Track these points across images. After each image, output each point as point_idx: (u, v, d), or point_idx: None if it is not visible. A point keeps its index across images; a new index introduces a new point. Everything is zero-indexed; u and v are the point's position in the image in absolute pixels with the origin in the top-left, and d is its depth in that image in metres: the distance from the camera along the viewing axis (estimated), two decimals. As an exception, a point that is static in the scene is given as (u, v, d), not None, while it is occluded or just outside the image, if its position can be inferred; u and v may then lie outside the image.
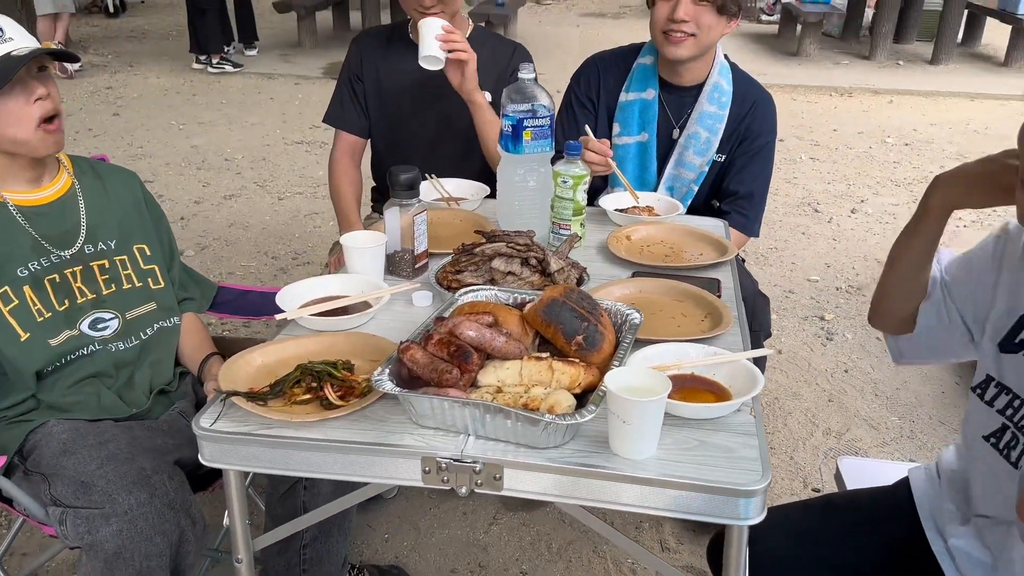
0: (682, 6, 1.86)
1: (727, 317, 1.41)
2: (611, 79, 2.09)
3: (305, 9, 7.58)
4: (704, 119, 2.01)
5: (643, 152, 2.07)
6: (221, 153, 5.16)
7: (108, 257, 1.61)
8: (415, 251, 1.56)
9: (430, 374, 1.12)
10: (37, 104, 1.44)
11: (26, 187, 1.54)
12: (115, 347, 1.59)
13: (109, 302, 1.60)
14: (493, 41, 2.20)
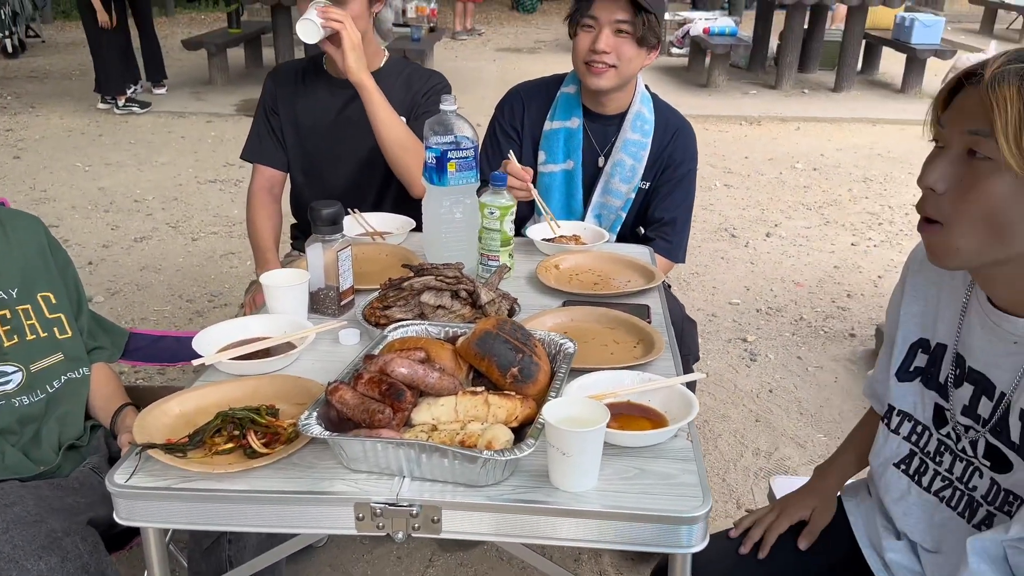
0: (603, 38, 1.89)
1: (659, 343, 1.41)
2: (535, 108, 2.10)
3: (216, 46, 7.43)
4: (628, 147, 2.03)
5: (569, 180, 2.07)
6: (130, 195, 4.97)
7: (9, 307, 1.50)
8: (340, 288, 1.51)
9: (361, 415, 1.07)
10: None
11: None
12: (19, 401, 1.49)
13: (11, 354, 1.49)
14: (410, 69, 2.18)
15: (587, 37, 1.92)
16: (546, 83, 2.13)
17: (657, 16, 1.91)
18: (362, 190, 2.10)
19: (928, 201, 0.96)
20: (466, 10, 10.90)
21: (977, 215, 0.92)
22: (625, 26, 1.89)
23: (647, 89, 2.11)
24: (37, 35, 10.28)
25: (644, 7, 1.86)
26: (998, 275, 1.01)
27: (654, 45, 1.95)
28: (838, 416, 2.75)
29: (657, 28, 1.92)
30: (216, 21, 11.30)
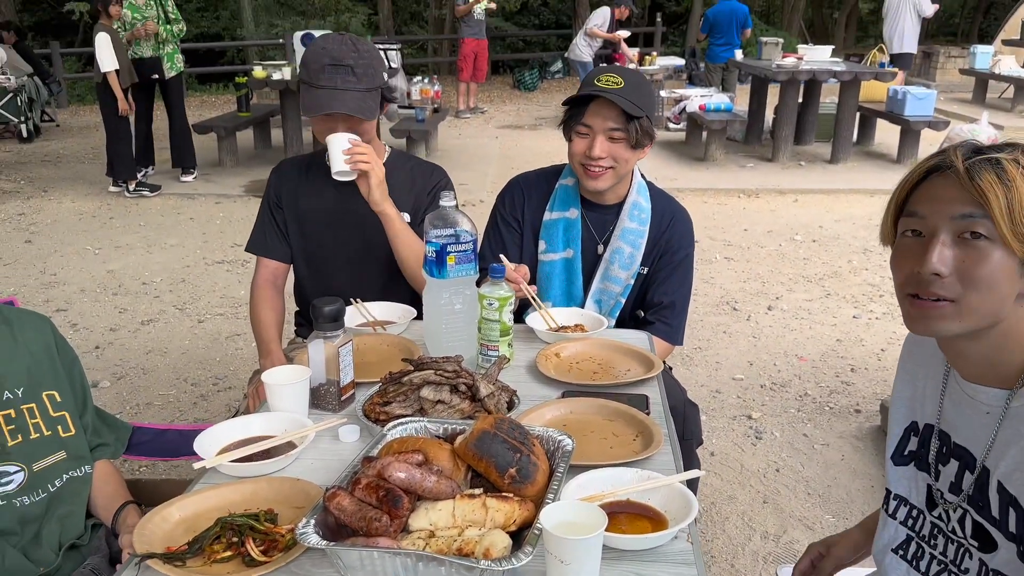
0: (598, 144, 1.96)
1: (657, 436, 1.41)
2: (534, 199, 2.16)
3: (225, 130, 7.62)
4: (627, 235, 2.08)
5: (569, 268, 2.12)
6: (139, 277, 5.04)
7: (14, 406, 1.52)
8: (341, 383, 1.53)
9: (358, 522, 1.07)
10: None
11: None
12: (20, 502, 1.48)
13: (14, 454, 1.50)
14: (412, 163, 2.24)
15: (582, 143, 1.99)
16: (545, 174, 2.19)
17: (649, 117, 1.97)
18: (365, 280, 2.14)
19: (934, 284, 1.03)
20: (469, 89, 11.20)
21: (985, 287, 1.00)
22: (618, 133, 1.95)
23: (643, 178, 2.16)
24: (52, 119, 10.58)
25: (635, 115, 1.92)
26: (967, 349, 1.08)
27: (648, 144, 2.01)
28: (846, 496, 2.71)
29: (650, 128, 1.98)
30: (226, 103, 11.62)
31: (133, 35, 6.74)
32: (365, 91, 1.94)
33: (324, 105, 1.92)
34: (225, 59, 16.13)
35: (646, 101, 1.96)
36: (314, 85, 1.93)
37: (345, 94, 1.92)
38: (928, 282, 1.03)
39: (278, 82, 7.37)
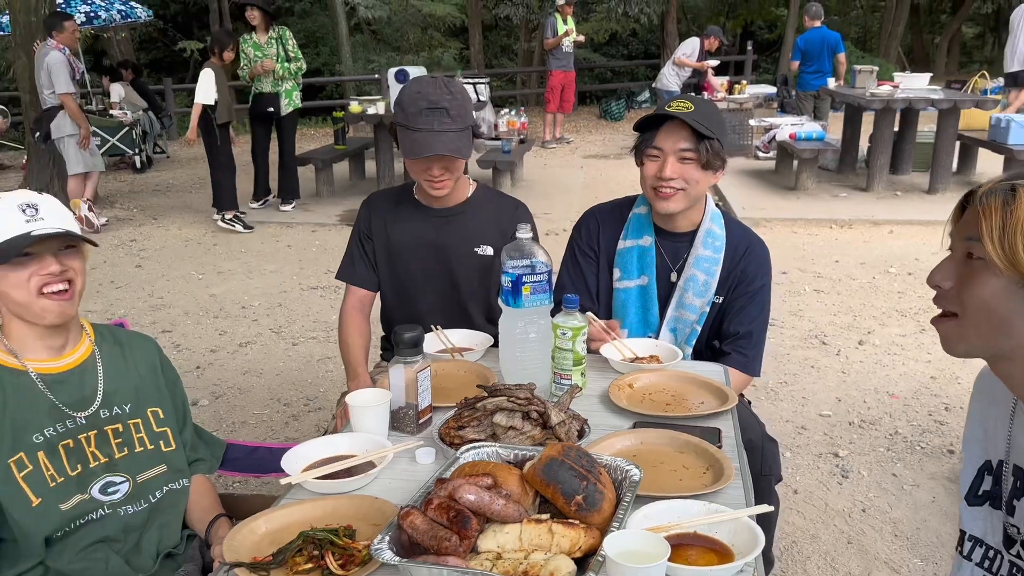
0: (668, 166, 2.00)
1: (728, 470, 1.42)
2: (609, 228, 2.21)
3: (322, 162, 7.96)
4: (700, 263, 2.10)
5: (644, 295, 2.16)
6: (239, 301, 5.30)
7: (122, 421, 1.65)
8: (419, 407, 1.60)
9: (429, 541, 1.12)
10: (42, 276, 1.50)
11: (48, 355, 1.59)
12: (124, 511, 1.61)
13: (121, 466, 1.62)
14: (497, 199, 2.32)
15: (653, 165, 2.03)
16: (619, 205, 2.24)
17: (720, 140, 2.00)
18: (446, 308, 2.22)
19: (942, 297, 1.11)
20: (555, 120, 11.34)
21: (979, 306, 1.06)
22: (689, 153, 1.99)
23: (718, 207, 2.18)
24: (163, 151, 11.26)
25: (706, 135, 1.96)
26: (1012, 373, 1.11)
27: (719, 167, 2.04)
28: (936, 540, 2.60)
29: (721, 151, 2.01)
30: (324, 136, 12.12)
31: (253, 72, 7.13)
32: (460, 131, 2.03)
33: (424, 148, 2.00)
34: (324, 94, 16.82)
35: (716, 125, 2.00)
36: (412, 128, 2.02)
37: (442, 135, 2.00)
38: (938, 295, 1.11)
39: (372, 116, 7.66)
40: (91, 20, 11.00)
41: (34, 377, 1.55)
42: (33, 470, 1.51)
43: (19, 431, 1.51)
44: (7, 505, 1.48)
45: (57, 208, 1.57)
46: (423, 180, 2.11)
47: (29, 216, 1.49)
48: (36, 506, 1.50)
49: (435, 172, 2.07)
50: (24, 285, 1.49)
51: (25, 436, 1.51)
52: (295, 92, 7.38)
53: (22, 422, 1.52)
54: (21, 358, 1.56)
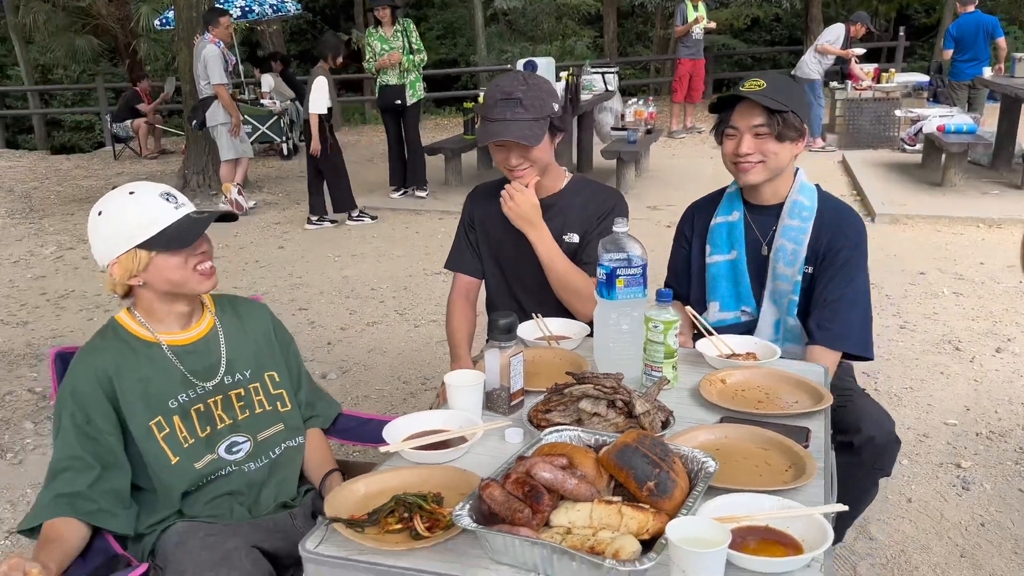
0: (744, 142, 2.08)
1: (810, 469, 1.42)
2: (704, 213, 2.31)
3: (452, 151, 8.22)
4: (787, 232, 2.14)
5: (734, 269, 2.21)
6: (368, 283, 5.59)
7: (244, 386, 1.82)
8: (511, 390, 1.69)
9: (505, 512, 1.21)
10: (197, 255, 1.68)
11: (177, 329, 1.77)
12: (247, 468, 1.79)
13: (243, 426, 1.80)
14: (591, 189, 2.37)
15: (731, 143, 2.12)
16: (714, 195, 2.34)
17: (796, 112, 2.06)
18: (542, 296, 2.30)
19: None
20: (685, 109, 11.14)
21: None
22: (762, 128, 2.06)
23: (818, 187, 2.21)
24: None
25: (777, 109, 2.03)
26: None
27: (796, 138, 2.09)
28: (1063, 562, 2.45)
29: (796, 122, 2.07)
30: (456, 126, 12.44)
31: (379, 64, 7.45)
32: (532, 120, 2.12)
33: (492, 134, 2.13)
34: (459, 84, 17.24)
35: (790, 98, 2.07)
36: (488, 118, 2.16)
37: (512, 124, 2.11)
38: None
39: (501, 106, 7.82)
40: (246, 14, 11.76)
41: (165, 349, 1.74)
42: (170, 432, 1.70)
43: (156, 397, 1.70)
44: (151, 462, 1.68)
45: (182, 196, 1.74)
46: (505, 171, 2.22)
47: (174, 204, 1.67)
48: (175, 464, 1.69)
49: (513, 161, 2.17)
50: (183, 266, 1.66)
51: (162, 401, 1.70)
52: (418, 83, 7.64)
53: (158, 389, 1.70)
54: (153, 331, 1.74)
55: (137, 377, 1.69)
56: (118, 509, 1.64)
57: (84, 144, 16.28)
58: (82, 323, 4.90)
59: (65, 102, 17.39)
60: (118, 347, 1.70)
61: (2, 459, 3.27)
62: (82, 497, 1.59)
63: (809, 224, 2.13)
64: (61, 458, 1.63)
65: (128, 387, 1.67)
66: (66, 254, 6.50)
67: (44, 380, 4.05)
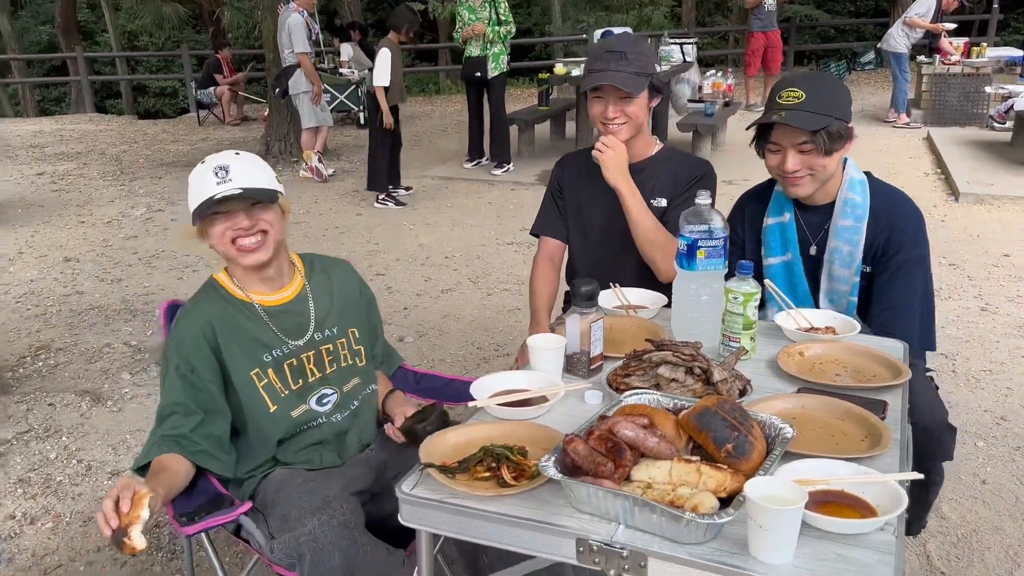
0: (789, 159, 2.04)
1: (886, 439, 1.45)
2: (753, 208, 2.29)
3: (525, 122, 8.24)
4: (841, 233, 2.11)
5: (790, 271, 2.20)
6: (443, 251, 5.71)
7: (331, 341, 1.93)
8: (591, 354, 1.75)
9: (588, 465, 1.28)
10: (234, 230, 1.75)
11: (267, 290, 1.87)
12: (335, 418, 1.91)
13: (331, 380, 1.92)
14: (680, 158, 2.41)
15: (775, 158, 2.08)
16: (763, 187, 2.30)
17: (841, 118, 2.00)
18: (626, 267, 2.34)
19: None
20: (764, 82, 10.87)
21: None
22: (807, 145, 2.01)
23: (867, 175, 2.16)
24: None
25: (819, 128, 1.96)
26: None
27: (844, 144, 2.04)
28: None
29: (842, 129, 2.01)
30: (529, 97, 12.43)
31: (464, 35, 7.47)
32: (633, 73, 2.18)
33: (595, 80, 2.19)
34: (533, 54, 17.16)
35: (831, 106, 1.99)
36: (592, 69, 2.23)
37: (615, 73, 2.17)
38: None
39: (576, 78, 7.79)
40: (327, -15, 11.92)
41: (258, 309, 1.85)
42: (268, 383, 1.82)
43: (253, 351, 1.82)
44: (251, 410, 1.81)
45: (248, 168, 1.76)
46: (600, 125, 2.27)
47: (220, 179, 1.72)
48: (272, 412, 1.82)
49: (610, 113, 2.22)
50: (222, 238, 1.76)
51: (258, 355, 1.82)
52: (502, 56, 7.56)
53: (254, 344, 1.82)
54: (246, 292, 1.86)
55: (236, 331, 1.81)
56: (219, 453, 1.78)
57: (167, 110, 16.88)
58: (172, 281, 5.16)
59: (150, 68, 17.99)
60: (219, 303, 1.83)
61: (103, 407, 3.51)
62: (187, 439, 1.73)
63: (863, 223, 2.09)
64: (167, 404, 1.77)
65: (229, 340, 1.79)
66: (155, 216, 6.81)
67: (139, 334, 4.30)
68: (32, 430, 3.29)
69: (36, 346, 4.15)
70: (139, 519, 1.41)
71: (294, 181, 7.85)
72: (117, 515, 1.40)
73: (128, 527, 1.39)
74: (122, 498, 1.42)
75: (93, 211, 6.99)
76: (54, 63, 18.01)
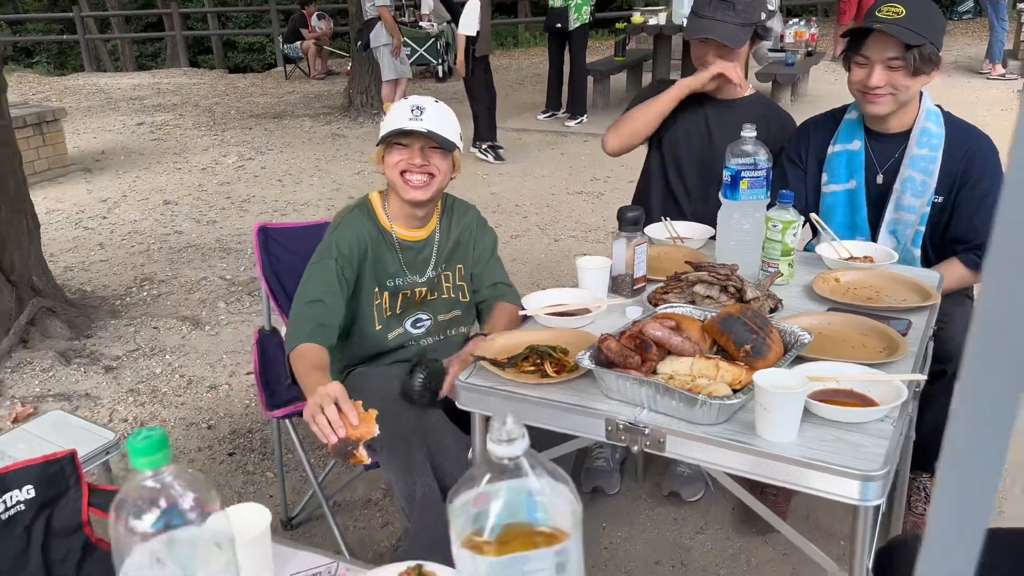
0: (875, 75, 2.05)
1: (902, 350, 1.58)
2: (819, 136, 2.31)
3: (601, 73, 8.28)
4: (916, 162, 2.14)
5: (852, 199, 2.25)
6: (513, 200, 5.89)
7: (440, 275, 2.11)
8: (634, 275, 1.91)
9: (619, 359, 1.46)
10: (407, 163, 1.93)
11: (409, 227, 2.05)
12: (424, 343, 2.10)
13: (429, 307, 2.10)
14: (767, 102, 2.54)
15: (861, 72, 2.09)
16: (832, 113, 2.33)
17: (934, 43, 2.01)
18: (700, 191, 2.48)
19: None
20: (853, 32, 10.53)
21: None
22: (896, 62, 2.02)
23: (940, 108, 2.19)
24: (462, 63, 12.21)
25: (915, 43, 1.98)
26: None
27: (930, 71, 2.04)
28: None
29: (933, 54, 2.01)
30: (608, 48, 12.36)
31: None
32: (740, 25, 2.27)
33: (700, 31, 2.28)
34: (615, 5, 16.93)
35: (929, 28, 2.00)
36: (698, 15, 2.31)
37: (722, 25, 2.26)
38: None
39: (653, 27, 7.77)
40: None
41: (395, 240, 2.04)
42: (380, 303, 2.03)
43: (381, 274, 2.03)
44: (361, 322, 2.02)
45: (440, 116, 1.93)
46: (700, 65, 2.36)
47: (413, 116, 1.90)
48: (377, 330, 2.04)
49: (710, 59, 2.32)
50: (395, 167, 1.94)
51: (382, 278, 2.03)
52: (585, 7, 7.54)
53: (383, 267, 2.03)
54: (391, 222, 2.04)
55: (376, 253, 2.02)
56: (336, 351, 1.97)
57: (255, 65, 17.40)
58: (262, 224, 5.52)
59: (239, 24, 18.57)
60: (369, 223, 2.02)
61: (202, 331, 3.86)
62: (328, 328, 1.91)
63: (939, 152, 2.12)
64: (315, 287, 1.92)
65: (369, 256, 2.00)
66: (246, 164, 7.19)
67: (233, 270, 4.65)
68: (139, 349, 3.66)
69: (140, 278, 4.55)
70: (371, 435, 1.54)
71: (374, 132, 8.08)
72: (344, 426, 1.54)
73: (358, 440, 1.53)
74: (346, 410, 1.55)
75: (188, 159, 7.43)
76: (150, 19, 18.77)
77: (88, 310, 3.99)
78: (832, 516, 2.40)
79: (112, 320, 3.93)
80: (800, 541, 1.47)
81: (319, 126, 8.60)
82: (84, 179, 6.78)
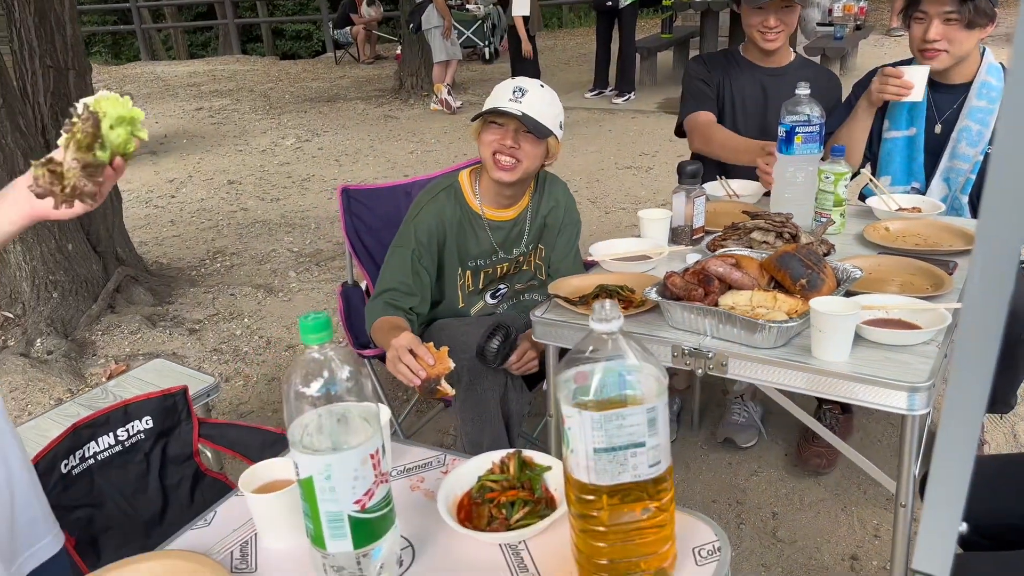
0: (932, 28, 2.16)
1: (947, 285, 1.69)
2: None
3: (647, 50, 8.33)
4: (974, 113, 2.25)
5: (911, 145, 2.35)
6: (563, 175, 5.91)
7: (523, 254, 2.17)
8: (693, 226, 2.05)
9: (683, 293, 1.60)
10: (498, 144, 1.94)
11: (498, 208, 2.08)
12: (501, 308, 2.21)
13: (509, 279, 2.20)
14: (812, 65, 2.65)
15: (919, 28, 2.20)
16: (897, 63, 2.39)
17: None
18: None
19: None
20: (904, 5, 10.37)
21: None
22: (953, 15, 2.13)
23: (1002, 65, 2.27)
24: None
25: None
26: None
27: (986, 24, 2.14)
28: None
29: (987, 7, 2.11)
30: (654, 26, 12.36)
31: None
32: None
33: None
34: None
35: None
36: None
37: None
38: None
39: (700, 4, 7.79)
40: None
41: (484, 221, 2.08)
42: (464, 282, 2.13)
43: (467, 255, 2.09)
44: (447, 301, 2.13)
45: (541, 100, 1.93)
46: (756, 32, 2.45)
47: (514, 97, 1.90)
48: (460, 308, 2.16)
49: (771, 23, 2.42)
50: (488, 145, 1.95)
51: (468, 259, 2.11)
52: None
53: (469, 249, 2.08)
54: (480, 204, 2.07)
55: (460, 236, 2.06)
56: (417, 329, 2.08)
57: (303, 52, 17.72)
58: (323, 201, 5.74)
59: (287, 11, 18.90)
60: (454, 205, 2.05)
61: (275, 297, 4.09)
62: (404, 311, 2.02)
63: (996, 105, 2.22)
64: (391, 277, 2.01)
65: (452, 241, 2.05)
66: (304, 145, 7.43)
67: (299, 243, 4.88)
68: (219, 313, 3.90)
69: (213, 251, 4.81)
70: (448, 370, 1.64)
71: (425, 113, 8.31)
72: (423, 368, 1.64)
73: (439, 376, 1.64)
74: (421, 354, 1.65)
75: (248, 141, 7.71)
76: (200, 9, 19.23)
77: (167, 279, 4.25)
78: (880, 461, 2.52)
79: (191, 288, 4.19)
80: (858, 459, 1.60)
81: (371, 108, 8.82)
82: (151, 161, 7.10)
